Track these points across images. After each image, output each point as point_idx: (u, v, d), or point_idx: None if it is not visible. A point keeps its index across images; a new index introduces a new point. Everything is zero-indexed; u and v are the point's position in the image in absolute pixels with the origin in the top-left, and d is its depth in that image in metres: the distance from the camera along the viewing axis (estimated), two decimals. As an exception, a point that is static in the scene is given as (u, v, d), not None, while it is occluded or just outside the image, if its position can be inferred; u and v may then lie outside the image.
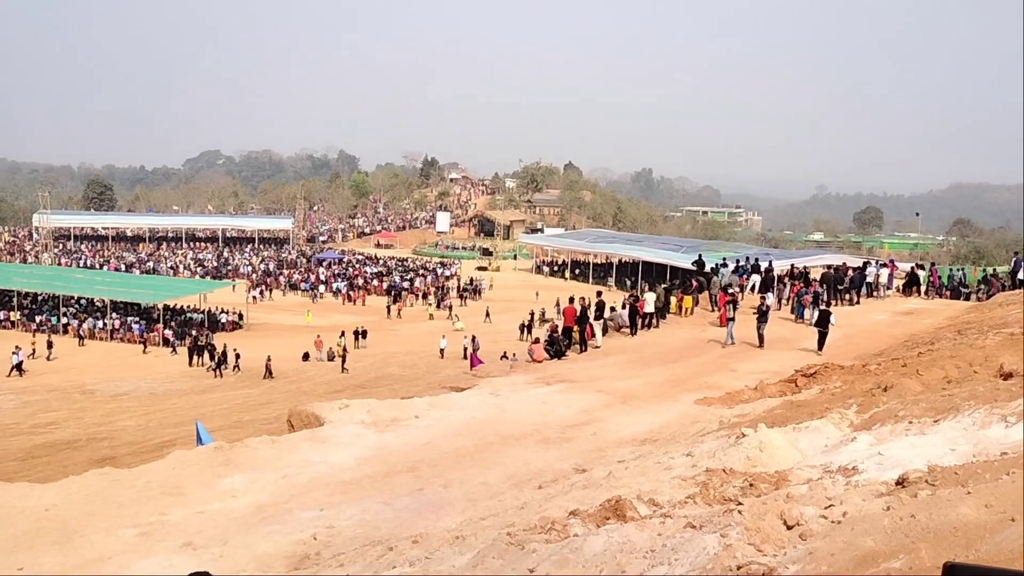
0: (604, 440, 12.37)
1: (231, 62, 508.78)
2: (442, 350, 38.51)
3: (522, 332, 43.56)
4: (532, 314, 46.87)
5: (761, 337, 20.16)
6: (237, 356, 37.82)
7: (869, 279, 27.49)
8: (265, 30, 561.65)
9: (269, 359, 35.51)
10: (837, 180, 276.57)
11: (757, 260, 31.00)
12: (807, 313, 23.08)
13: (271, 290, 65.69)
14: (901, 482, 5.80)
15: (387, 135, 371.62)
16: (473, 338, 37.75)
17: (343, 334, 40.57)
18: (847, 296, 26.66)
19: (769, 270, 28.66)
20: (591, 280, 69.42)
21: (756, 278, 28.33)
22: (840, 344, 19.76)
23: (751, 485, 6.80)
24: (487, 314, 51.03)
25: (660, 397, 15.17)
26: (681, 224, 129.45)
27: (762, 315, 20.47)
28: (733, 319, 20.28)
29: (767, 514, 5.57)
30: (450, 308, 57.33)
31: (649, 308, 23.27)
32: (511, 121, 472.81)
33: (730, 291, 24.33)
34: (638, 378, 16.95)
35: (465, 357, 38.12)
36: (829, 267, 31.80)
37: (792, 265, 30.74)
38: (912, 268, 29.61)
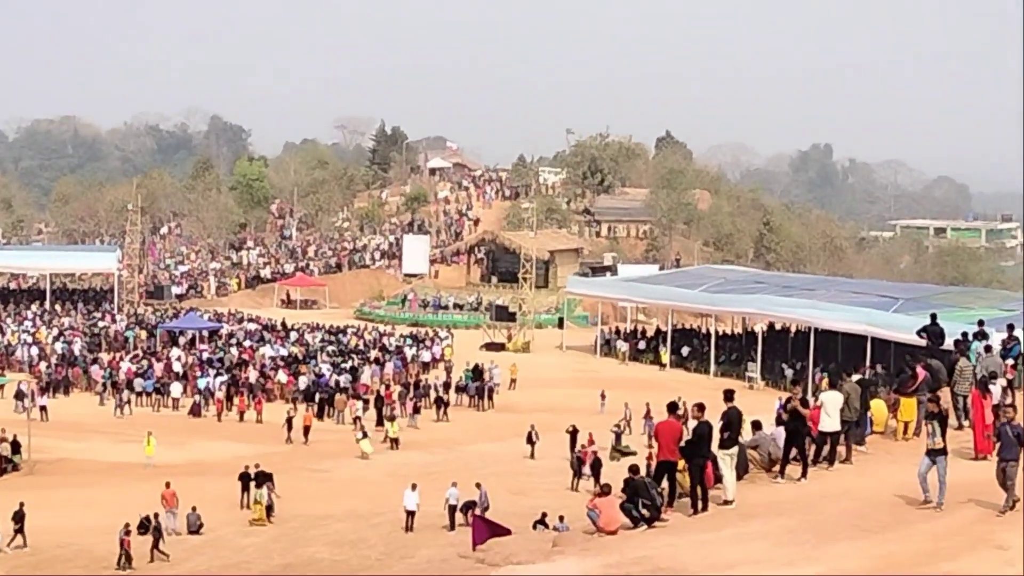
0: None
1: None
2: (410, 513, 38.35)
3: (575, 474, 43.50)
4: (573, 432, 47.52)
5: None
6: (17, 524, 38.11)
7: None
8: None
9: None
10: None
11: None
12: None
13: (91, 391, 65.99)
14: None
15: (306, 87, 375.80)
16: (477, 487, 37.71)
17: (253, 479, 40.64)
18: None
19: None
20: (714, 368, 69.35)
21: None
22: None
23: None
24: None
25: (855, 603, 15.04)
26: (893, 254, 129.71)
27: None
28: (941, 451, 20.01)
29: None
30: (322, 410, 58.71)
31: (831, 424, 23.16)
32: (548, 60, 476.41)
33: (992, 385, 24.19)
34: (810, 565, 16.83)
35: (452, 525, 38.10)
36: None
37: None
38: None
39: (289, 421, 55.87)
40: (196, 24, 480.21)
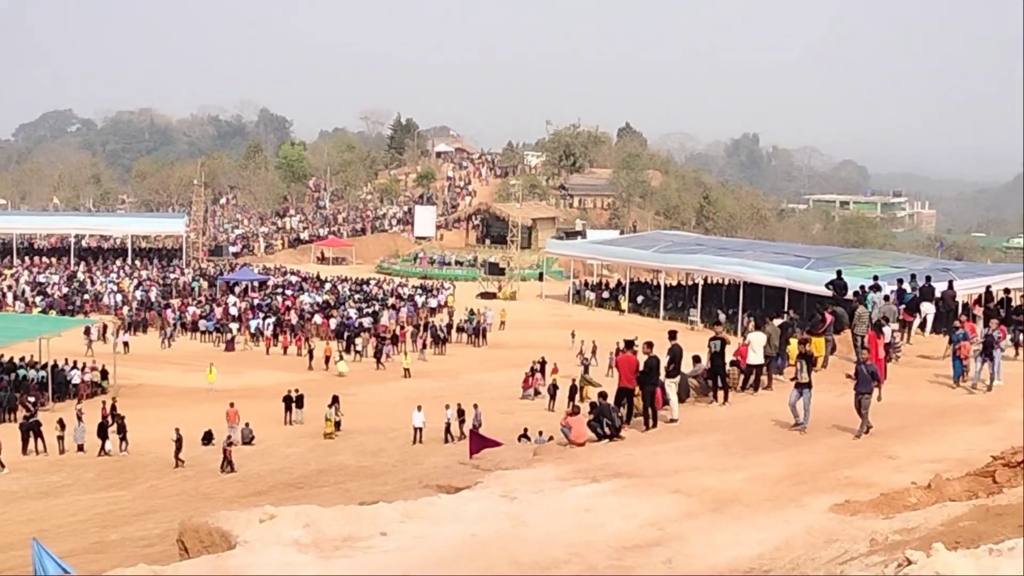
0: (684, 571, 12.31)
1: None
2: (418, 429, 38.55)
3: (551, 398, 43.70)
4: (541, 362, 47.93)
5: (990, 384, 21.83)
6: (120, 426, 38.96)
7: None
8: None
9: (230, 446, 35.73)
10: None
11: (930, 280, 30.84)
12: (972, 369, 22.80)
13: (167, 331, 66.09)
14: None
15: (337, 86, 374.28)
16: (464, 408, 38.14)
17: (335, 401, 40.88)
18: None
19: (952, 296, 28.53)
20: (663, 313, 69.49)
21: (928, 308, 28.24)
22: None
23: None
24: None
25: (775, 501, 15.09)
26: (807, 222, 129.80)
27: (987, 350, 21.72)
28: (807, 385, 19.86)
29: None
30: (349, 345, 59.27)
31: (755, 358, 23.18)
32: (532, 62, 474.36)
33: (886, 329, 24.25)
34: (738, 471, 16.88)
35: (449, 438, 38.33)
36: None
37: (988, 288, 30.59)
38: None
39: (310, 352, 56.99)
40: (249, 32, 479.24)
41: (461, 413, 39.80)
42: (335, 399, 41.15)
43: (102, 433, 38.99)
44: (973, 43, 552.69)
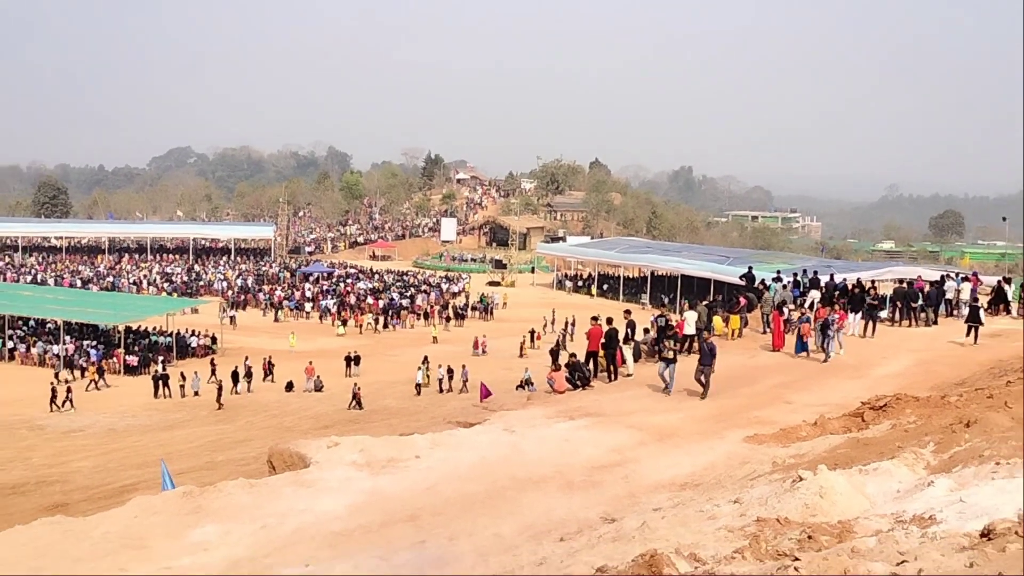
0: (637, 484, 12.34)
1: (204, 46, 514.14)
2: (419, 385, 38.60)
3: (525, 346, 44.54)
4: (531, 332, 50.32)
5: (826, 353, 21.34)
6: (237, 373, 40.60)
7: (948, 295, 27.28)
8: (241, 12, 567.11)
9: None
10: (911, 179, 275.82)
11: (816, 274, 30.84)
12: (811, 343, 22.18)
13: (264, 309, 66.13)
14: (987, 534, 5.76)
15: (384, 130, 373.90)
16: (453, 368, 39.08)
17: (425, 360, 40.93)
18: (922, 315, 26.49)
19: (836, 286, 28.45)
20: (622, 297, 69.42)
21: (815, 294, 28.23)
22: (915, 372, 19.63)
23: (810, 537, 6.77)
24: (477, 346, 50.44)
25: (703, 434, 15.13)
26: (727, 231, 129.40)
27: (824, 330, 21.48)
28: (672, 360, 19.01)
29: (828, 571, 5.53)
30: (339, 311, 61.45)
31: (689, 330, 23.17)
32: (527, 114, 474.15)
33: (785, 309, 24.27)
34: (677, 412, 16.93)
35: (441, 390, 38.35)
36: (901, 281, 31.63)
37: (859, 279, 30.57)
38: (999, 282, 29.38)
39: (344, 322, 58.21)
40: (321, 88, 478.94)
41: (451, 371, 39.82)
42: (425, 359, 41.53)
43: (235, 378, 40.56)
44: (852, 96, 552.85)
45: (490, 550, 9.58)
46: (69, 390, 36.88)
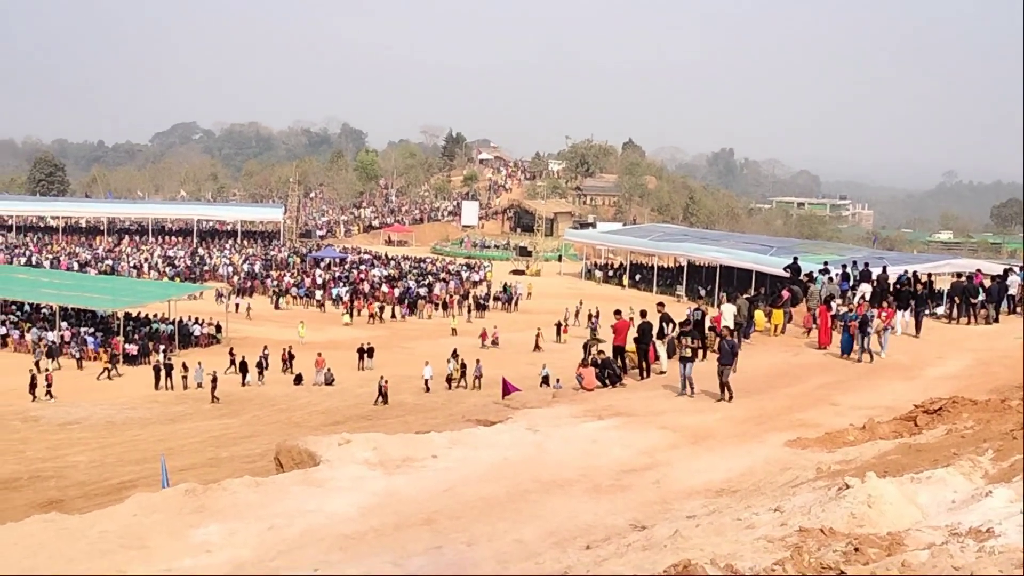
0: (669, 489, 12.32)
1: (210, 14, 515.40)
2: (427, 381, 38.64)
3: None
4: (557, 324, 50.98)
5: (870, 353, 21.06)
6: (261, 364, 41.65)
7: (1011, 291, 27.02)
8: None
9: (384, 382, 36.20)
10: (971, 165, 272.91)
11: (867, 265, 30.61)
12: (855, 344, 21.66)
13: (277, 296, 66.49)
14: (1050, 550, 5.71)
15: (402, 105, 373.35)
16: (476, 362, 39.47)
17: (455, 354, 41.14)
18: (982, 312, 26.25)
19: (885, 279, 28.24)
20: (656, 288, 69.28)
21: (866, 288, 28.01)
22: (973, 373, 19.46)
23: (856, 550, 6.74)
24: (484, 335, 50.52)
25: (741, 437, 15.08)
26: (771, 219, 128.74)
27: (863, 327, 21.15)
28: (691, 359, 18.78)
29: (876, 587, 5.51)
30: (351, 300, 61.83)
31: (727, 324, 23.03)
32: (557, 89, 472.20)
33: (833, 304, 24.10)
34: (713, 413, 16.87)
35: (450, 386, 38.47)
36: (959, 275, 31.32)
37: (915, 272, 30.31)
38: (1067, 277, 29.05)
39: (351, 311, 59.35)
40: (334, 62, 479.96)
41: (463, 366, 39.99)
42: (455, 352, 41.83)
43: (243, 370, 41.24)
44: (906, 75, 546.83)
45: (511, 557, 9.61)
46: (49, 380, 37.24)
